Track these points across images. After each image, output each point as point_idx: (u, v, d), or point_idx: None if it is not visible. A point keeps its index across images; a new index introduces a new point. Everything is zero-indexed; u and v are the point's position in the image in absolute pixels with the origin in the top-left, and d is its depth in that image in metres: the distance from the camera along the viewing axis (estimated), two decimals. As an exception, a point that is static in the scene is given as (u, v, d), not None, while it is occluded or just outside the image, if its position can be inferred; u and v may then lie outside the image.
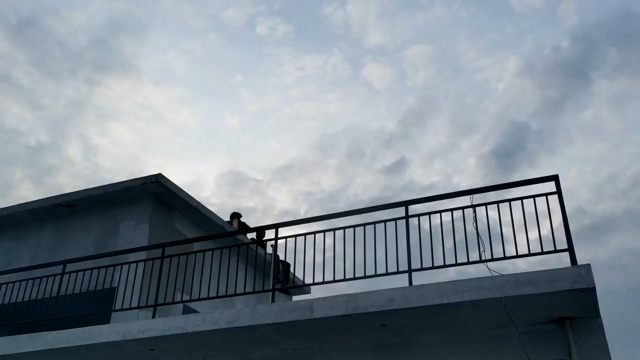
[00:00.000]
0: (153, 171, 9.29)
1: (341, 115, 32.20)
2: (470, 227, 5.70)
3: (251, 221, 11.65)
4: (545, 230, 5.47)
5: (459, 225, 5.76)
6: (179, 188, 9.74)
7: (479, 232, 5.64)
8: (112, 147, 31.43)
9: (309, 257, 6.22)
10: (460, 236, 5.71)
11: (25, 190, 29.17)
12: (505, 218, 5.66)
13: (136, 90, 30.10)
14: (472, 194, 5.87)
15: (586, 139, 30.33)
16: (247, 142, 32.71)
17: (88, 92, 29.12)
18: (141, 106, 31.09)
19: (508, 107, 30.25)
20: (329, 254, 6.18)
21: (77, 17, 28.90)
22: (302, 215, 6.79)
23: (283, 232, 7.50)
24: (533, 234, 5.50)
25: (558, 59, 29.42)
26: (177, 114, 30.78)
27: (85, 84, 29.02)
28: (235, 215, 11.38)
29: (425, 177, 31.58)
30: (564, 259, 5.24)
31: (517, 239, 5.55)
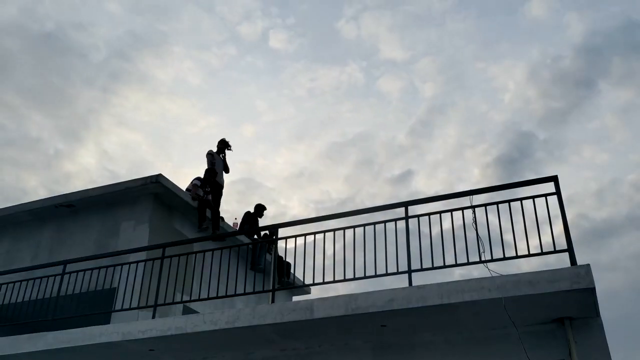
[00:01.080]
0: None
1: (352, 125, 32.72)
2: (470, 228, 5.71)
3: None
4: (546, 232, 5.48)
5: (459, 226, 5.77)
6: (179, 188, 9.74)
7: (479, 233, 5.65)
8: (128, 155, 31.78)
9: (309, 258, 6.23)
10: (460, 237, 5.72)
11: (38, 197, 29.38)
12: (506, 222, 5.67)
13: (153, 100, 30.54)
14: (472, 194, 5.87)
15: (592, 148, 30.59)
16: (261, 151, 33.18)
17: (105, 102, 29.54)
18: (157, 116, 31.47)
19: (514, 116, 30.63)
20: (329, 255, 6.20)
21: (100, 30, 29.42)
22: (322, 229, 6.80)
23: (283, 232, 7.51)
24: (534, 236, 5.53)
25: (564, 69, 29.81)
26: (192, 124, 31.16)
27: (102, 94, 29.48)
28: (260, 207, 11.25)
29: (431, 187, 31.84)
30: (567, 261, 5.24)
31: (517, 240, 5.57)
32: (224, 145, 10.81)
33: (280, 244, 6.85)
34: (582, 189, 30.35)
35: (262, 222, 11.16)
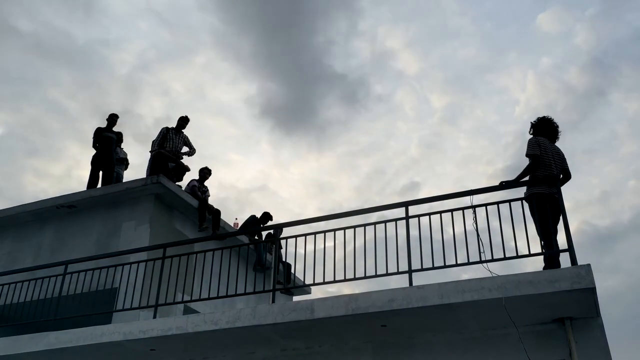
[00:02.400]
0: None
1: (365, 136, 33.01)
2: (470, 228, 5.71)
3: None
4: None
5: (460, 226, 5.77)
6: (180, 189, 9.77)
7: (480, 234, 5.65)
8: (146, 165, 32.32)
9: (309, 258, 6.25)
10: (461, 237, 5.73)
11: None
12: (509, 224, 5.66)
13: (174, 111, 30.99)
14: (472, 194, 5.88)
15: (600, 157, 30.79)
16: (276, 160, 33.54)
17: (125, 113, 30.15)
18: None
19: (524, 127, 30.85)
20: (329, 255, 6.21)
21: (126, 46, 30.06)
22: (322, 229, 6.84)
23: (284, 233, 7.51)
24: (535, 236, 5.52)
25: (574, 79, 30.12)
26: (213, 134, 31.56)
27: (122, 103, 29.95)
28: (267, 215, 11.27)
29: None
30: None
31: (518, 240, 5.57)
32: (205, 173, 10.84)
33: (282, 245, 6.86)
34: (590, 197, 30.63)
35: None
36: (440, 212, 5.90)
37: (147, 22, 29.66)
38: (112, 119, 10.98)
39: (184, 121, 10.67)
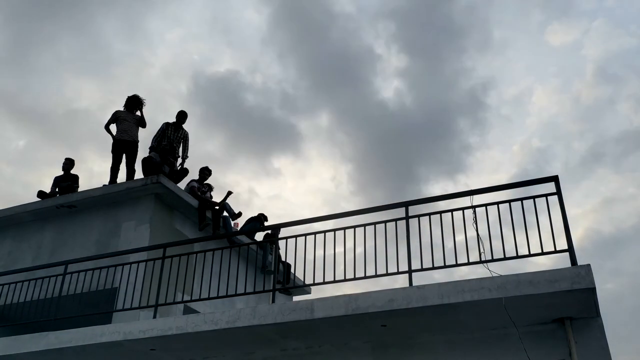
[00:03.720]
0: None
1: (376, 145, 33.32)
2: (470, 229, 5.71)
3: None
4: (548, 232, 5.48)
5: (460, 226, 5.77)
6: (180, 189, 9.77)
7: (479, 233, 5.65)
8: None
9: (309, 258, 6.24)
10: (460, 237, 5.73)
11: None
12: (508, 224, 5.66)
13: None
14: (473, 194, 5.87)
15: (607, 166, 30.95)
16: (290, 170, 34.19)
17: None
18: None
19: (532, 136, 31.40)
20: (329, 255, 6.20)
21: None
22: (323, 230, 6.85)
23: (284, 233, 7.51)
24: (536, 237, 5.52)
25: (581, 91, 30.39)
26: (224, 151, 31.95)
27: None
28: (262, 216, 11.29)
29: (449, 203, 32.39)
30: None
31: (518, 240, 5.57)
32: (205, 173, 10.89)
33: (282, 244, 6.86)
34: (595, 204, 30.84)
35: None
36: (440, 212, 5.91)
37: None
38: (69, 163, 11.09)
39: (182, 117, 10.70)
